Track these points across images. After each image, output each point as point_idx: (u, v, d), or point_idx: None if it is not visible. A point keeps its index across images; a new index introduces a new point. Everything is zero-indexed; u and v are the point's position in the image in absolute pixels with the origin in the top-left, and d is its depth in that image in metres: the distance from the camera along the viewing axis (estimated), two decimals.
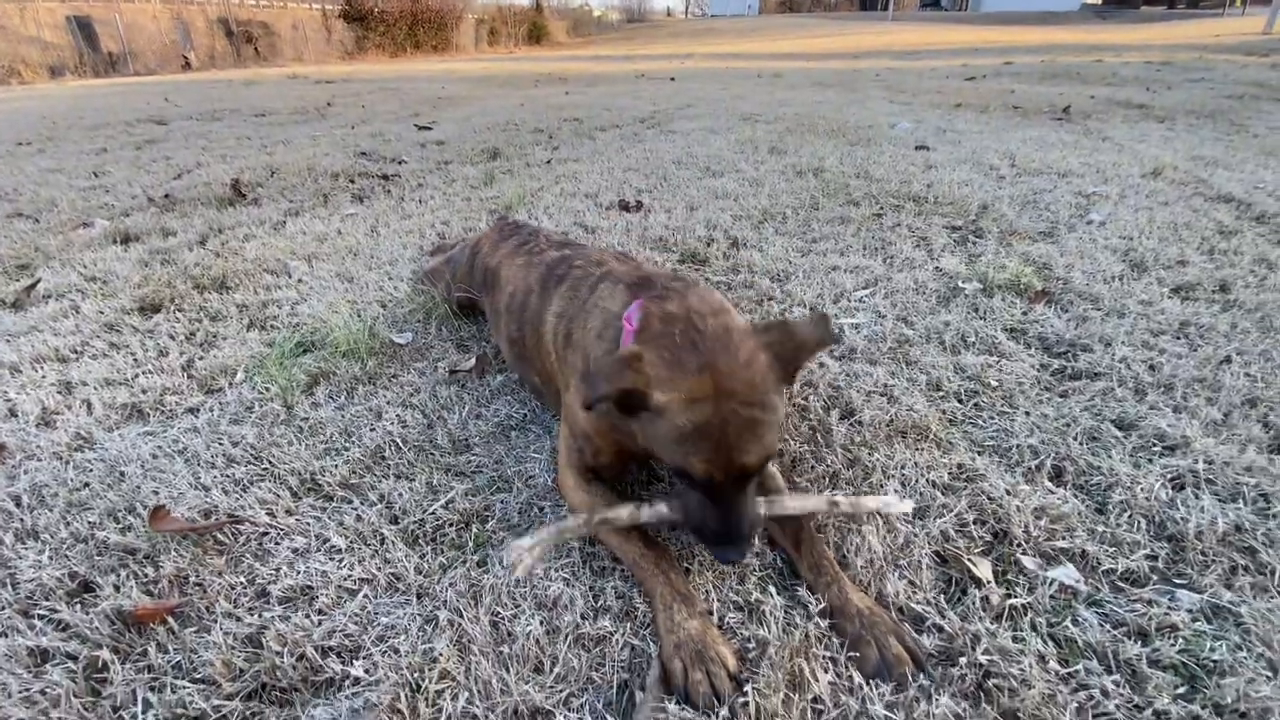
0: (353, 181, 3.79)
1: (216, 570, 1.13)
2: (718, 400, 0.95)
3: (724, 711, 0.88)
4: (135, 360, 1.82)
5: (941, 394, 1.55)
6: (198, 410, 1.59)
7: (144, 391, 1.67)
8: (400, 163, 4.30)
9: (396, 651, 0.98)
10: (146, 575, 1.12)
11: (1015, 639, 0.97)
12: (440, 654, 0.97)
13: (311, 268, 2.43)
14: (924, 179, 3.33)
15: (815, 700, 0.91)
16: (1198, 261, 2.22)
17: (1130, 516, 1.18)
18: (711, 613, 1.04)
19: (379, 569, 1.12)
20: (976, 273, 2.15)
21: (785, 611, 1.03)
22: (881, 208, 2.90)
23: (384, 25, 26.54)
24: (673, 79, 10.06)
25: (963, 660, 0.95)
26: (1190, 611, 1.01)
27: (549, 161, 4.18)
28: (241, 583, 1.11)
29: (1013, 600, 1.04)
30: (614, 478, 1.28)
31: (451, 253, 2.11)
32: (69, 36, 22.13)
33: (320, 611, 1.05)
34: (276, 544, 1.19)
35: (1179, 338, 1.75)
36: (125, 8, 24.50)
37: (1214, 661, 0.94)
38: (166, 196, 3.50)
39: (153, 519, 1.19)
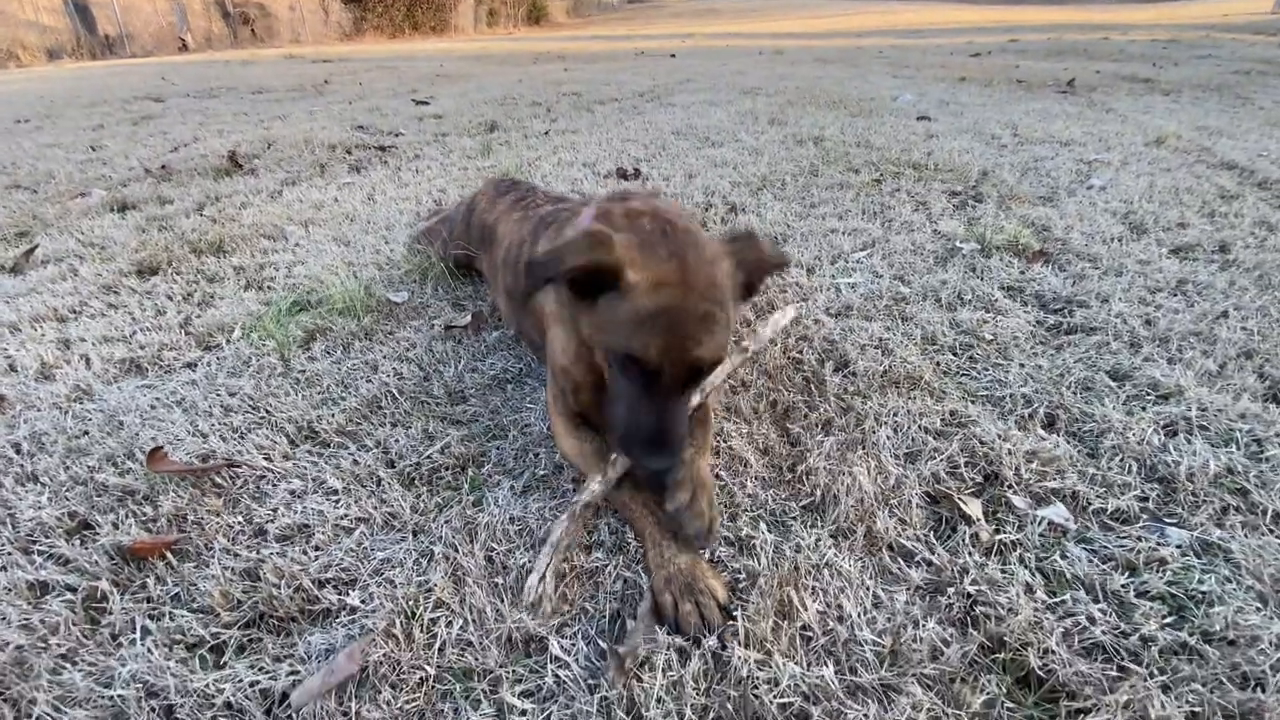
0: (349, 153, 3.77)
1: (214, 510, 1.14)
2: (683, 289, 0.95)
3: (713, 640, 0.90)
4: (133, 319, 1.83)
5: (936, 347, 1.55)
6: (195, 365, 1.60)
7: (142, 348, 1.67)
8: (397, 135, 4.27)
9: (392, 583, 1.00)
10: (145, 514, 1.13)
11: (1003, 572, 0.98)
12: (435, 585, 0.98)
13: (308, 232, 2.43)
14: (925, 147, 3.30)
15: (804, 628, 0.92)
16: (1198, 224, 2.20)
17: (1122, 460, 1.19)
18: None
19: (375, 508, 1.13)
20: (975, 234, 2.14)
21: (775, 547, 1.04)
22: (881, 174, 2.88)
23: (382, 6, 26.19)
24: (673, 56, 9.94)
25: (950, 590, 0.96)
26: (1179, 547, 1.02)
27: (547, 133, 4.15)
28: (239, 522, 1.12)
29: (1002, 537, 1.05)
30: (598, 420, 1.27)
31: (446, 212, 2.10)
32: (66, 20, 21.90)
33: (317, 548, 1.06)
34: (274, 486, 1.20)
35: (1176, 295, 1.74)
36: None
37: (1202, 593, 0.95)
38: (163, 168, 3.48)
39: (150, 460, 1.20)
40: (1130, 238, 2.11)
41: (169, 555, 1.05)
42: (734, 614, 0.93)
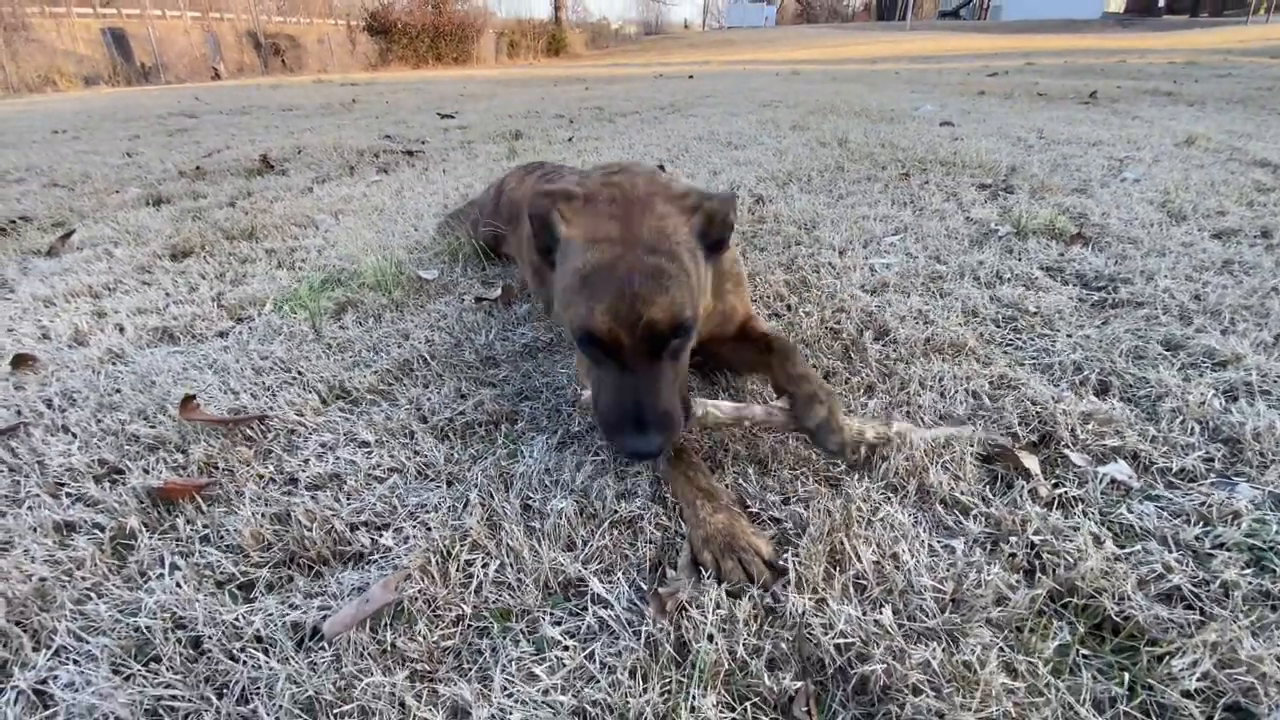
0: (377, 156, 3.84)
1: (245, 460, 1.12)
2: (623, 244, 0.91)
3: (756, 590, 0.85)
4: (166, 294, 1.84)
5: (978, 319, 1.51)
6: (227, 334, 1.60)
7: (175, 319, 1.68)
8: (423, 143, 4.35)
9: (427, 526, 0.96)
10: (175, 461, 1.12)
11: (1068, 524, 0.93)
12: (471, 529, 0.95)
13: (338, 221, 2.45)
14: (950, 147, 3.29)
15: (858, 576, 0.87)
16: (1237, 212, 2.15)
17: (1183, 422, 1.14)
18: (746, 507, 1.00)
19: (409, 459, 1.11)
20: (1010, 219, 2.11)
21: (825, 499, 0.99)
22: (908, 170, 2.87)
23: (407, 38, 27.07)
24: (690, 77, 10.11)
25: (1013, 540, 0.91)
26: (1252, 501, 0.96)
27: (570, 139, 4.20)
28: (271, 471, 1.10)
29: (1062, 491, 0.99)
30: None
31: (476, 196, 2.11)
32: (104, 49, 22.84)
33: (349, 495, 1.04)
34: (305, 439, 1.18)
35: (1223, 273, 1.69)
36: (158, 22, 25.27)
37: None
38: (197, 169, 3.56)
39: (183, 409, 1.19)
40: (1169, 223, 2.06)
41: (198, 498, 1.03)
42: (783, 569, 0.88)
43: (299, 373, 1.38)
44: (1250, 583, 0.83)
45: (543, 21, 37.67)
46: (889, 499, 1.00)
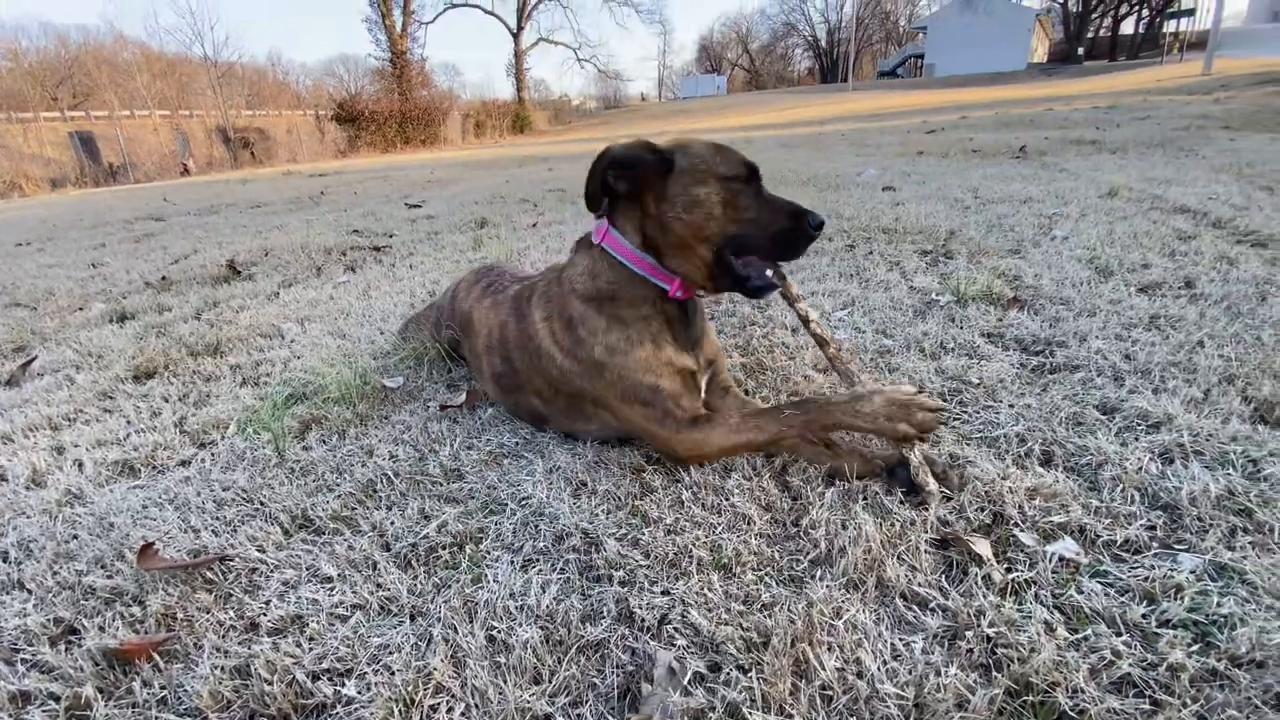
0: (345, 255, 3.91)
1: (204, 606, 1.10)
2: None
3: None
4: (128, 422, 1.83)
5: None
6: (189, 462, 1.59)
7: (135, 449, 1.67)
8: (391, 236, 4.45)
9: (390, 670, 0.95)
10: (133, 615, 1.09)
11: (1021, 612, 0.96)
12: (435, 669, 0.94)
13: (304, 329, 2.48)
14: (892, 214, 3.48)
15: (824, 687, 0.88)
16: (1160, 263, 2.30)
17: (1123, 490, 1.19)
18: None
19: (371, 593, 1.10)
20: (950, 287, 2.22)
21: (788, 603, 1.01)
22: (854, 240, 3.01)
23: (375, 124, 27.98)
24: None
25: (969, 634, 0.93)
26: (1193, 572, 1.00)
27: (534, 225, 4.34)
28: (230, 617, 1.08)
29: (1015, 576, 1.02)
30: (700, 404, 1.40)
31: (436, 299, 2.16)
32: (71, 152, 23.18)
33: (311, 638, 1.02)
34: (266, 578, 1.16)
35: (1150, 329, 1.80)
36: (127, 122, 25.81)
37: (1223, 616, 0.92)
38: (163, 279, 3.59)
39: (140, 558, 1.17)
40: (1098, 280, 2.19)
41: (156, 656, 1.00)
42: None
43: (261, 503, 1.38)
44: (1197, 663, 0.85)
45: (507, 101, 39.38)
46: (849, 597, 1.02)
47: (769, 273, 1.30)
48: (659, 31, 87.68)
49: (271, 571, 1.18)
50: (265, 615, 1.08)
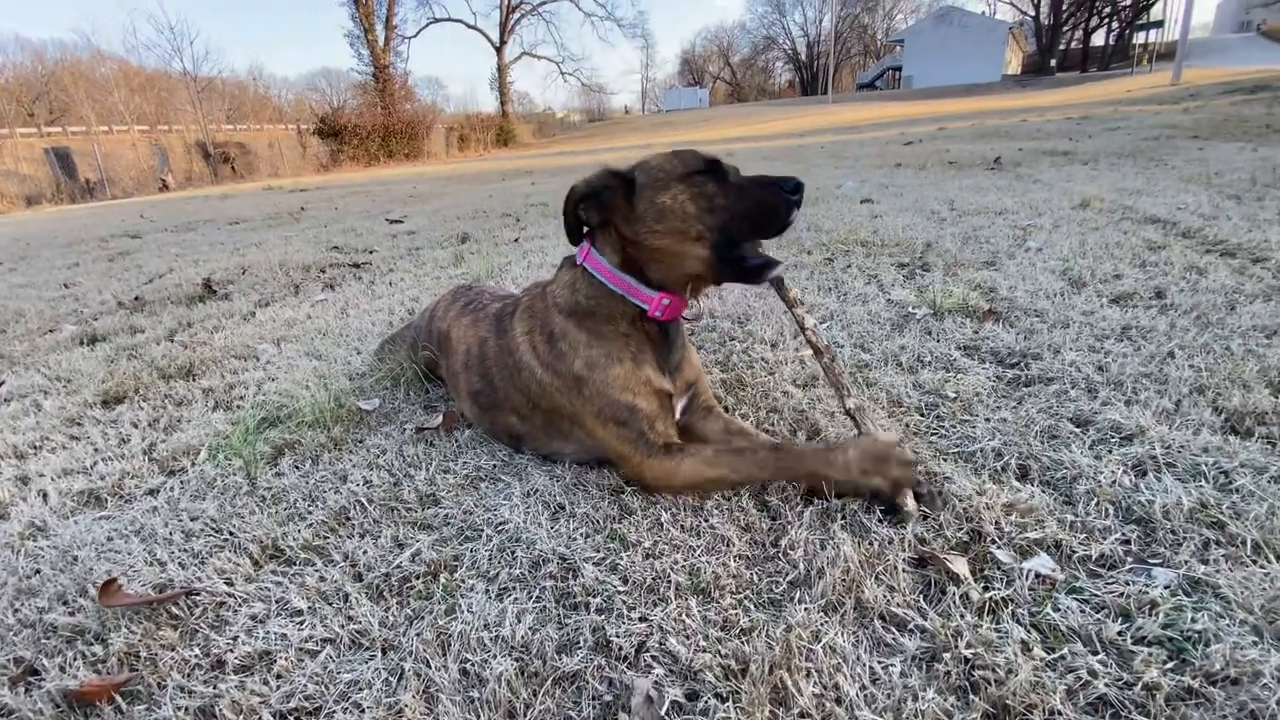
0: (324, 272, 3.87)
1: (169, 644, 1.07)
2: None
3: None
4: (95, 449, 1.79)
5: (903, 409, 1.58)
6: (157, 491, 1.55)
7: (102, 478, 1.63)
8: (371, 252, 4.41)
9: (360, 708, 0.93)
10: (95, 654, 1.06)
11: (998, 631, 0.96)
12: (406, 705, 0.92)
13: (280, 349, 2.44)
14: (870, 226, 3.51)
15: (802, 715, 0.87)
16: (1131, 274, 2.34)
17: (1098, 504, 1.19)
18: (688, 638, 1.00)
19: (342, 627, 1.07)
20: (926, 300, 2.24)
21: (765, 628, 1.00)
22: (832, 253, 3.04)
23: (357, 138, 27.90)
24: None
25: (947, 656, 0.92)
26: (1168, 587, 1.01)
27: (517, 240, 4.33)
28: (196, 654, 1.05)
29: (992, 594, 1.02)
30: (675, 436, 1.37)
31: (413, 319, 2.14)
32: (46, 168, 22.84)
33: (279, 675, 0.99)
34: (234, 612, 1.13)
35: (1122, 340, 1.82)
36: (105, 138, 25.51)
37: (1198, 632, 0.92)
38: (137, 299, 3.53)
39: (103, 594, 1.14)
40: (1071, 291, 2.22)
41: (118, 697, 0.97)
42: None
43: (231, 533, 1.34)
44: (1172, 681, 0.85)
45: (490, 115, 39.52)
46: (828, 620, 1.01)
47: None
48: (641, 45, 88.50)
49: (239, 605, 1.15)
50: (232, 652, 1.04)
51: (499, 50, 44.22)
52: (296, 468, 1.58)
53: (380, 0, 35.20)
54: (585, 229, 1.40)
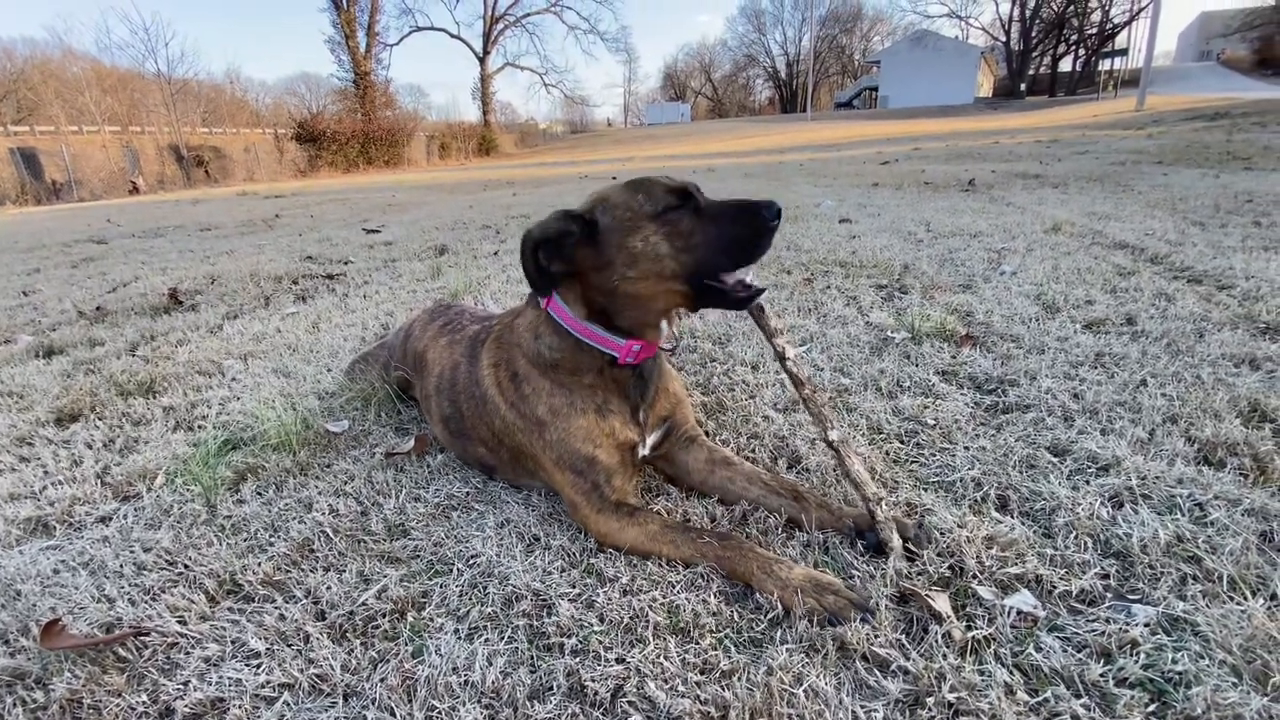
0: (296, 283, 3.78)
1: (115, 690, 1.00)
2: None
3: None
4: (45, 472, 1.70)
5: (883, 436, 1.57)
6: (109, 519, 1.47)
7: (51, 504, 1.54)
8: (346, 263, 4.33)
9: None
10: (35, 700, 0.99)
11: (981, 674, 0.94)
12: None
13: (247, 365, 2.36)
14: (849, 247, 3.54)
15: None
16: (1103, 300, 2.38)
17: (1076, 537, 1.19)
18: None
19: (301, 671, 1.01)
20: (905, 324, 2.25)
21: (746, 671, 0.97)
22: (812, 274, 3.05)
23: (336, 144, 27.59)
24: (614, 178, 10.65)
25: (930, 701, 0.90)
26: (1148, 625, 1.00)
27: (496, 253, 4.29)
28: (144, 701, 0.99)
29: (974, 633, 1.01)
30: (632, 493, 1.33)
31: (387, 338, 2.09)
32: (11, 168, 22.16)
33: None
34: (186, 654, 1.07)
35: (1096, 367, 1.84)
36: (74, 138, 24.86)
37: (1179, 673, 0.92)
38: (98, 309, 3.40)
39: (44, 636, 1.07)
40: (1045, 317, 2.25)
41: None
42: (869, 606, 1.06)
43: (186, 566, 1.27)
44: None
45: (473, 124, 39.41)
46: (809, 661, 0.98)
47: (748, 279, 1.23)
48: (624, 59, 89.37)
49: (192, 647, 1.08)
50: (182, 699, 0.98)
51: (482, 60, 44.25)
52: (259, 494, 1.52)
53: (362, 7, 35.05)
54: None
